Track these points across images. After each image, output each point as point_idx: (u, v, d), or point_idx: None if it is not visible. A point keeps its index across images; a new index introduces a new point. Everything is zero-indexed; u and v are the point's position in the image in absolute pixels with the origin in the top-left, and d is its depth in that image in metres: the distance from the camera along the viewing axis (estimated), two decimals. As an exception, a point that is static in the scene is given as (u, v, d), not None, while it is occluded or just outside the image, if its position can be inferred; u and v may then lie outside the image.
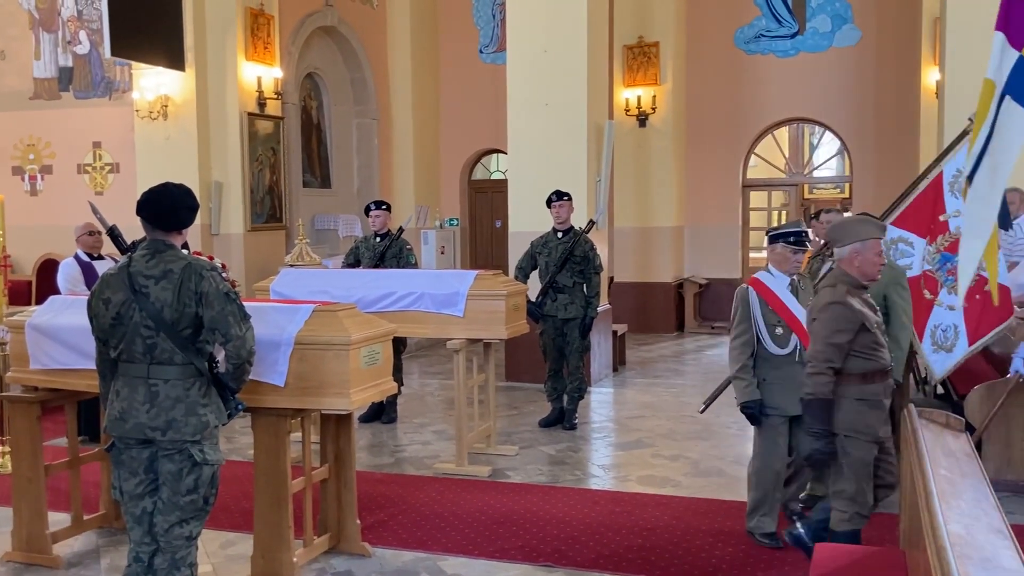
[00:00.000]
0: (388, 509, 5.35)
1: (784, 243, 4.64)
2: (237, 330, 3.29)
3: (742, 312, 4.65)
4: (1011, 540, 2.22)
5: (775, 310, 4.59)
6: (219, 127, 10.14)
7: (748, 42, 12.78)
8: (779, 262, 4.68)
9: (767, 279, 4.68)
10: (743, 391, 4.67)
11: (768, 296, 4.61)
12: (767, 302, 4.60)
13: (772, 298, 4.60)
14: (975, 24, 7.45)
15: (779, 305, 4.59)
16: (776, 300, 4.60)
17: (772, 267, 4.71)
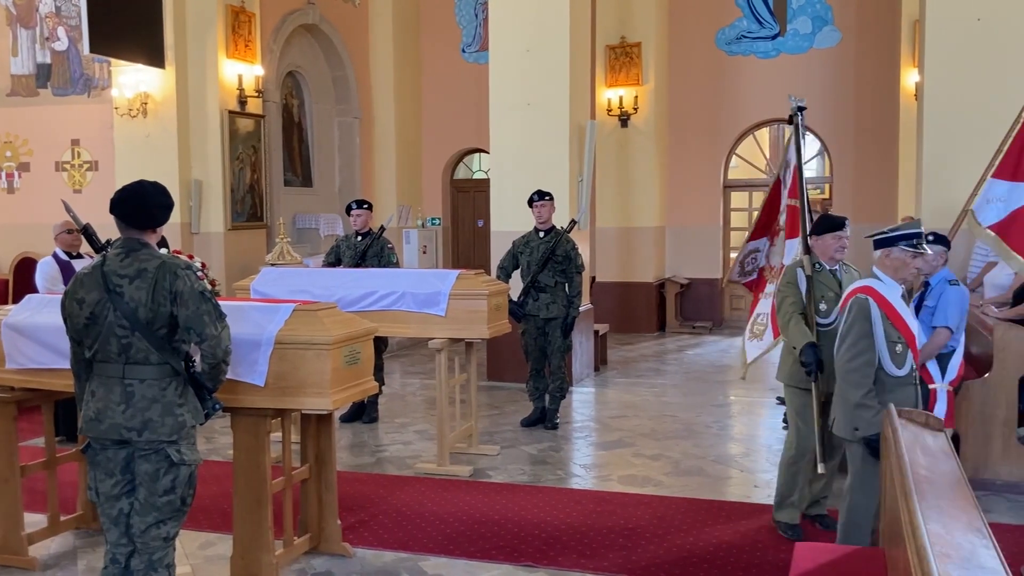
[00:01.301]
0: (369, 509, 5.32)
1: (904, 246, 4.07)
2: (212, 330, 3.26)
3: (861, 327, 4.00)
4: (990, 539, 2.23)
5: (895, 324, 4.03)
6: (199, 125, 10.06)
7: (730, 43, 12.83)
8: (895, 268, 4.10)
9: (881, 288, 4.07)
10: (871, 421, 3.93)
11: (887, 308, 4.03)
12: (886, 315, 4.02)
13: (890, 310, 4.03)
14: (954, 26, 7.53)
15: (897, 318, 4.04)
16: (894, 313, 4.04)
17: (881, 273, 4.12)
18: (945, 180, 7.46)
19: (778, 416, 7.53)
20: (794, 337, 4.67)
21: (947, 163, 7.53)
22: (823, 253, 4.80)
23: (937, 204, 7.27)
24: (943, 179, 7.48)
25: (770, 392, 8.54)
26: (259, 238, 10.73)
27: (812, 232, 4.87)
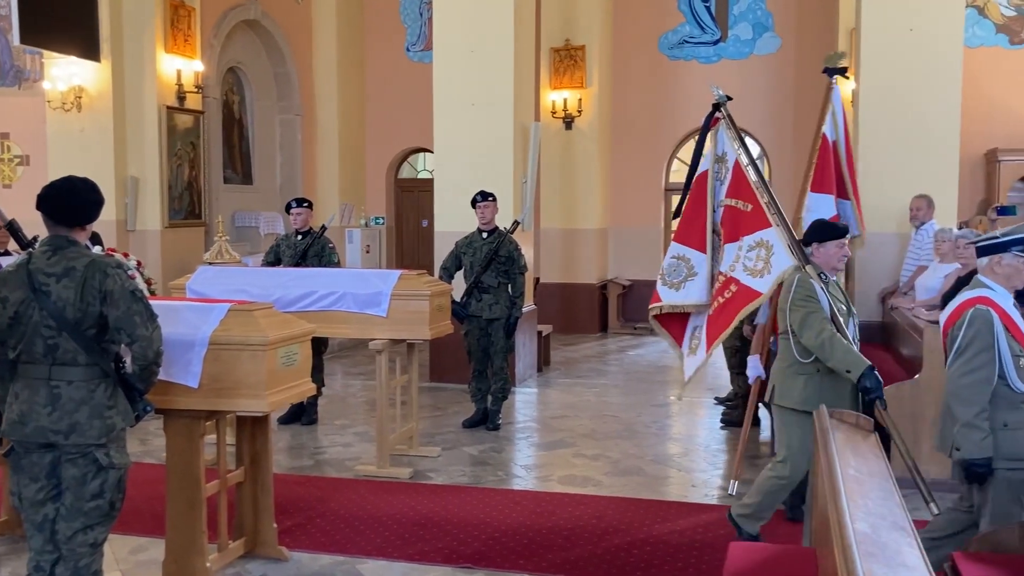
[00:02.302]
0: (306, 512, 5.26)
1: (1016, 251, 3.81)
2: (143, 330, 3.19)
3: (983, 340, 3.68)
4: (914, 538, 2.29)
5: (1015, 337, 3.75)
6: (136, 120, 9.85)
7: (672, 48, 12.97)
8: (1008, 276, 3.83)
9: (996, 298, 3.78)
10: (978, 444, 3.65)
11: (1007, 320, 3.75)
12: (1007, 327, 3.74)
13: (1010, 322, 3.76)
14: (888, 35, 7.71)
15: (1017, 331, 3.78)
16: (1014, 324, 3.77)
17: (991, 282, 3.85)
18: (880, 184, 7.65)
19: (715, 416, 7.64)
20: (845, 360, 4.17)
21: (882, 168, 7.71)
22: (826, 263, 4.48)
23: (873, 208, 7.43)
24: (878, 183, 7.66)
25: (708, 392, 8.66)
26: (197, 236, 10.54)
27: (812, 239, 4.51)
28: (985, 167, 11.43)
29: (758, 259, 4.83)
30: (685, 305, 5.28)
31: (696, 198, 5.32)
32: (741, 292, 4.90)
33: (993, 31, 11.58)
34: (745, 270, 4.88)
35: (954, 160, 7.70)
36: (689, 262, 5.26)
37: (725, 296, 5.02)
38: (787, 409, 4.43)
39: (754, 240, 4.88)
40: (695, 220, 5.30)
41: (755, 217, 4.94)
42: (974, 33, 11.40)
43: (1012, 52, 11.52)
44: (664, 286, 5.32)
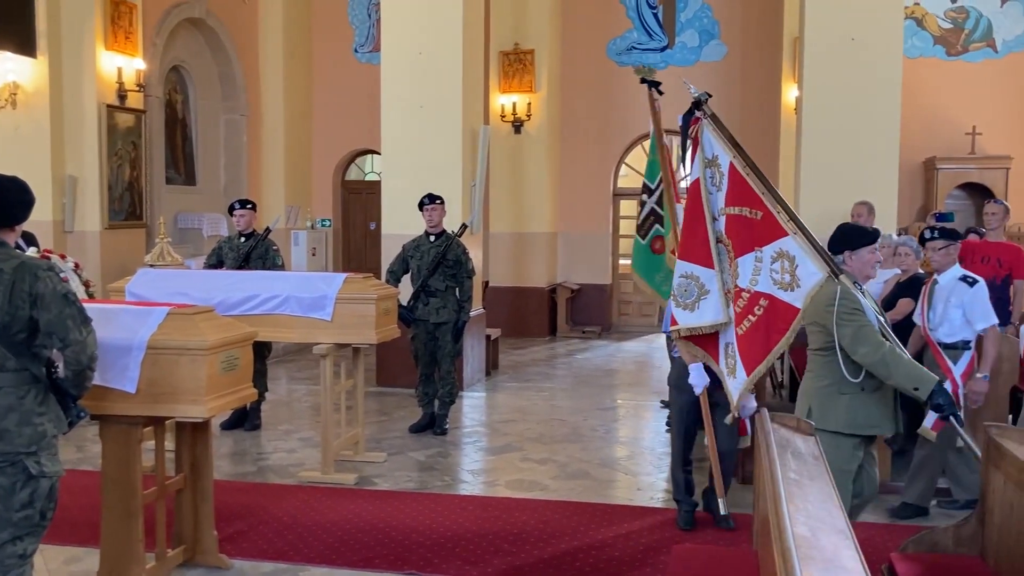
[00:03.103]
0: (248, 519, 5.16)
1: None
2: (77, 334, 3.10)
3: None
4: (852, 540, 2.31)
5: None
6: (75, 119, 9.61)
7: (620, 54, 13.07)
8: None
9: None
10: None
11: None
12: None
13: None
14: (830, 44, 7.86)
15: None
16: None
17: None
18: (822, 190, 7.79)
19: (661, 419, 7.69)
20: (910, 376, 3.86)
21: (824, 174, 7.85)
22: (860, 270, 4.18)
23: (815, 214, 7.55)
24: (820, 189, 7.80)
25: (653, 396, 8.72)
26: (138, 238, 10.32)
27: (843, 246, 4.21)
28: (924, 175, 11.71)
29: (784, 271, 4.34)
30: (703, 326, 4.78)
31: (692, 209, 4.82)
32: (777, 307, 4.38)
33: (931, 43, 11.88)
34: (775, 283, 4.37)
35: (894, 167, 7.88)
36: (698, 280, 4.77)
37: (757, 313, 4.49)
38: (828, 433, 3.96)
39: (774, 251, 4.39)
40: (696, 233, 4.80)
41: (768, 226, 4.44)
42: (913, 44, 11.69)
43: (949, 63, 11.84)
44: (678, 308, 4.85)
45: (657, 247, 5.91)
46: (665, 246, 5.86)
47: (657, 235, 5.92)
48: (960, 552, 3.79)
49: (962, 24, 11.83)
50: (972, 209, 11.25)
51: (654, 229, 5.93)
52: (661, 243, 5.88)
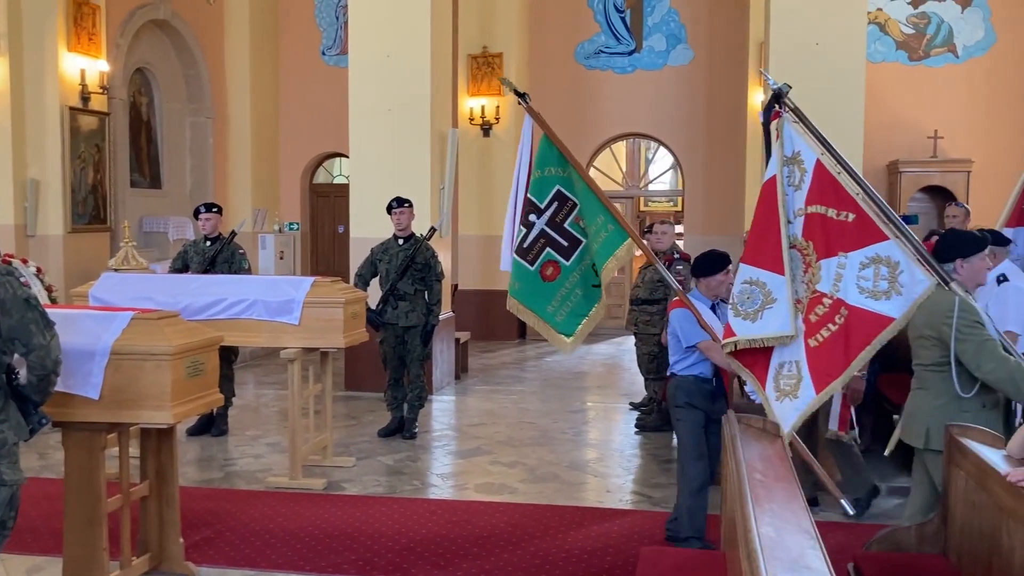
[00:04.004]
0: (215, 526, 5.11)
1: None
2: (40, 339, 3.05)
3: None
4: (817, 540, 2.34)
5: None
6: (36, 121, 9.47)
7: (588, 57, 13.12)
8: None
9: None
10: None
11: None
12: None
13: None
14: (795, 49, 7.94)
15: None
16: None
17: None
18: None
19: (630, 422, 7.73)
20: None
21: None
22: (972, 279, 3.98)
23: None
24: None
25: (623, 398, 8.76)
26: (102, 241, 10.19)
27: (955, 254, 4.01)
28: (887, 178, 11.87)
29: (878, 278, 4.02)
30: (765, 338, 4.32)
31: (765, 209, 4.41)
32: (860, 317, 4.08)
33: (894, 47, 12.05)
34: (860, 291, 4.06)
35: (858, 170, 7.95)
36: (765, 287, 4.34)
37: (837, 322, 4.14)
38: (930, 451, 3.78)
39: (866, 256, 4.06)
40: (767, 236, 4.37)
41: (862, 228, 4.11)
42: (876, 49, 11.86)
43: (911, 68, 12.02)
44: (737, 317, 4.39)
45: (548, 274, 5.14)
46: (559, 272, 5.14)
47: (548, 260, 5.14)
48: (923, 550, 3.84)
49: (924, 29, 12.01)
50: (934, 212, 11.42)
51: (545, 253, 5.12)
52: (554, 269, 5.13)
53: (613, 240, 4.97)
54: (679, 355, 4.81)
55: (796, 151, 4.34)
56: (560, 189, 5.13)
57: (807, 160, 4.31)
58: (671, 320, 4.84)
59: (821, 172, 4.25)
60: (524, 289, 5.19)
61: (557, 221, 5.11)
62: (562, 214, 5.12)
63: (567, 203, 5.12)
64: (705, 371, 4.76)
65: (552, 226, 5.12)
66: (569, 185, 5.11)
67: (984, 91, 11.78)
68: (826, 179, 4.23)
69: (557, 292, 5.15)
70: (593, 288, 5.06)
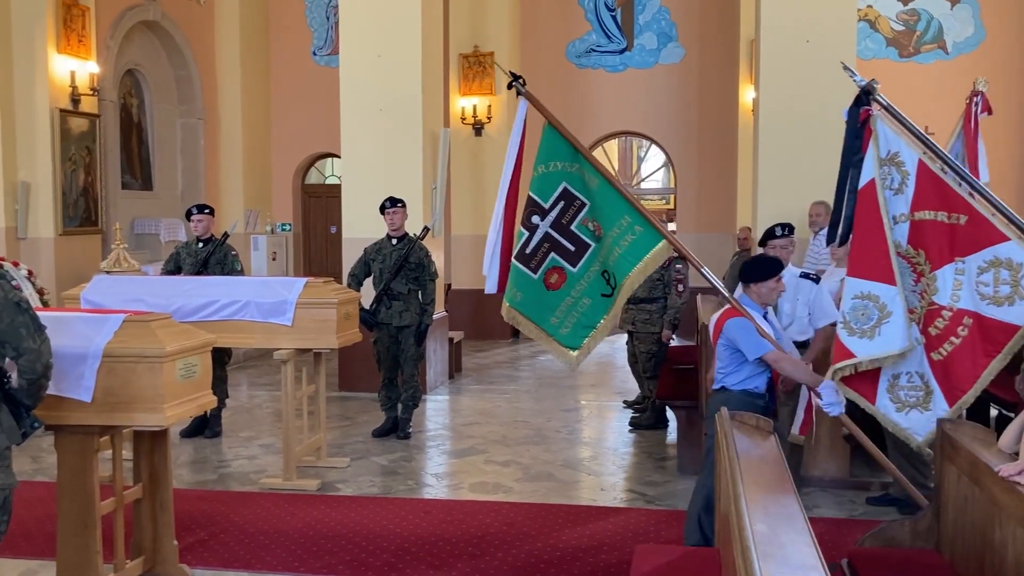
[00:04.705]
0: (209, 528, 5.11)
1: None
2: (31, 342, 3.04)
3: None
4: (810, 537, 2.35)
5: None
6: (26, 123, 9.43)
7: (579, 56, 13.14)
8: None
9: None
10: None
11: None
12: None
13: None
14: (786, 47, 7.96)
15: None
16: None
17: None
18: (778, 191, 7.89)
19: (624, 420, 7.74)
20: None
21: (780, 175, 7.95)
22: None
23: (771, 213, 7.64)
24: (776, 190, 7.90)
25: (617, 396, 8.77)
26: (94, 244, 10.16)
27: None
28: (878, 174, 11.90)
29: (998, 283, 3.82)
30: (888, 356, 4.06)
31: (866, 217, 4.12)
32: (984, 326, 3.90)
33: (884, 44, 12.10)
34: (982, 298, 3.86)
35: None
36: (878, 300, 4.06)
37: (960, 334, 3.97)
38: None
39: (984, 260, 3.86)
40: (872, 245, 4.09)
41: (976, 230, 3.91)
42: (866, 46, 11.89)
43: (901, 64, 12.06)
44: (852, 336, 4.12)
45: (553, 281, 4.70)
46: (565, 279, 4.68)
47: (554, 266, 4.69)
48: (917, 545, 3.86)
49: (914, 26, 12.06)
50: (925, 208, 11.46)
51: (549, 259, 4.68)
52: (559, 276, 4.69)
53: (643, 243, 4.51)
54: (732, 367, 4.35)
55: (893, 152, 4.08)
56: (567, 187, 4.66)
57: (908, 161, 4.07)
58: (727, 330, 4.31)
59: (925, 173, 4.01)
60: (527, 300, 4.67)
61: (563, 223, 4.63)
62: (569, 215, 4.63)
63: (574, 203, 4.64)
64: (760, 385, 4.34)
65: (558, 228, 4.65)
66: (577, 182, 4.64)
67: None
68: (931, 180, 3.99)
69: (562, 302, 4.68)
70: (603, 298, 4.59)
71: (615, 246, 4.51)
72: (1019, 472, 3.11)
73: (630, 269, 4.49)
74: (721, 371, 4.40)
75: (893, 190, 4.09)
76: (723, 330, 4.32)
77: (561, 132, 4.69)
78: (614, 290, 4.55)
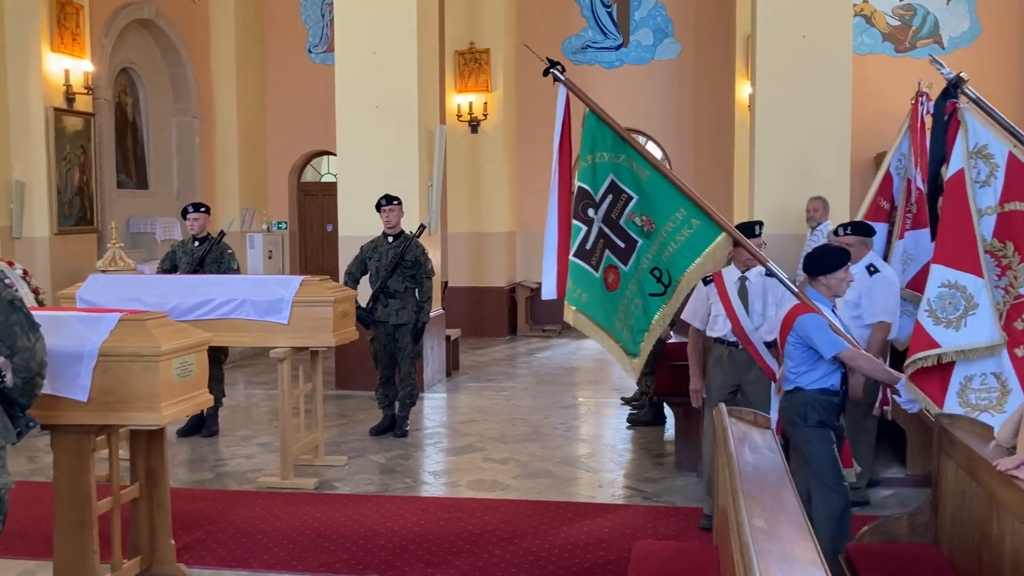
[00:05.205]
0: (207, 527, 5.10)
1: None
2: (25, 341, 3.03)
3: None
4: (808, 531, 2.34)
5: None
6: (21, 123, 9.40)
7: (575, 52, 13.12)
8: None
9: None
10: None
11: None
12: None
13: None
14: (782, 42, 7.95)
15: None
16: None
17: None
18: (775, 186, 7.88)
19: (622, 416, 7.73)
20: None
21: (777, 170, 7.94)
22: None
23: (767, 209, 7.65)
24: (773, 185, 7.90)
25: (614, 393, 8.77)
26: (89, 243, 10.13)
27: None
28: (874, 169, 11.88)
29: None
30: (974, 348, 3.97)
31: (955, 207, 4.08)
32: None
33: (880, 40, 12.09)
34: None
35: (846, 163, 8.00)
36: (965, 290, 3.98)
37: None
38: None
39: None
40: (960, 235, 4.04)
41: None
42: (862, 41, 11.89)
43: (897, 59, 12.05)
44: (937, 325, 4.02)
45: (610, 281, 4.37)
46: (619, 280, 4.36)
47: (609, 265, 4.37)
48: (915, 540, 3.86)
49: (909, 21, 12.05)
50: (922, 203, 11.45)
51: (606, 257, 4.36)
52: (615, 276, 4.36)
53: (702, 237, 4.17)
54: (807, 366, 4.12)
55: (981, 144, 4.04)
56: (614, 179, 4.30)
57: (997, 154, 4.02)
58: (799, 328, 4.08)
59: (1016, 165, 3.96)
60: (592, 301, 4.29)
61: (612, 218, 4.30)
62: (617, 209, 4.29)
63: (621, 196, 4.29)
64: (835, 382, 4.14)
65: (608, 224, 4.30)
66: (625, 175, 4.31)
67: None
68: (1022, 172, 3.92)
69: (620, 304, 4.31)
70: (652, 297, 4.23)
71: (670, 242, 4.19)
72: (1017, 466, 3.11)
73: (688, 266, 4.15)
74: (793, 371, 4.17)
75: (980, 183, 4.03)
76: (794, 327, 4.09)
77: (605, 120, 4.33)
78: (667, 288, 4.20)
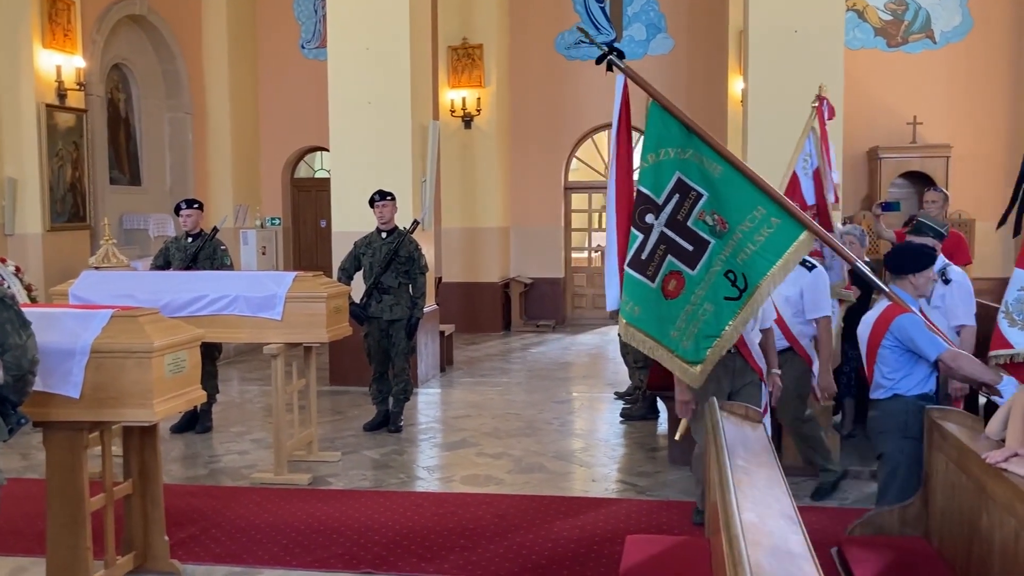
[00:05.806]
0: (200, 523, 5.10)
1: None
2: (16, 338, 3.03)
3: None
4: (799, 525, 2.36)
5: None
6: (12, 119, 9.37)
7: (569, 48, 13.11)
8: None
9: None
10: None
11: None
12: None
13: None
14: (774, 37, 7.97)
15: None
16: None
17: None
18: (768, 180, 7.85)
19: (615, 411, 7.75)
20: None
21: (769, 165, 7.93)
22: None
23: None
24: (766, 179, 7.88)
25: (608, 387, 8.78)
26: (82, 240, 10.11)
27: None
28: (867, 164, 11.93)
29: None
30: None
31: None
32: None
33: (872, 34, 12.10)
34: None
35: (838, 157, 8.01)
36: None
37: None
38: None
39: None
40: None
41: None
42: (854, 36, 11.90)
43: (890, 54, 12.07)
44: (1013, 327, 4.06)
45: (671, 288, 4.08)
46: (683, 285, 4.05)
47: (671, 271, 4.08)
48: (905, 533, 3.88)
49: (902, 16, 12.06)
50: (915, 197, 11.48)
51: (667, 264, 4.09)
52: (677, 282, 4.07)
53: (783, 236, 3.87)
54: (905, 370, 3.90)
55: None
56: (681, 177, 4.02)
57: None
58: (897, 329, 3.86)
59: None
60: (646, 314, 4.07)
61: (679, 219, 4.01)
62: (685, 209, 4.00)
63: (690, 194, 4.01)
64: (932, 387, 3.97)
65: (674, 226, 4.03)
66: (693, 171, 4.04)
67: (962, 77, 11.84)
68: None
69: (682, 311, 4.04)
70: (727, 301, 3.91)
71: (747, 242, 3.89)
72: (1006, 459, 3.13)
73: (769, 268, 3.84)
74: (889, 376, 3.91)
75: None
76: (891, 328, 3.83)
77: (672, 112, 4.08)
78: (742, 292, 3.88)
